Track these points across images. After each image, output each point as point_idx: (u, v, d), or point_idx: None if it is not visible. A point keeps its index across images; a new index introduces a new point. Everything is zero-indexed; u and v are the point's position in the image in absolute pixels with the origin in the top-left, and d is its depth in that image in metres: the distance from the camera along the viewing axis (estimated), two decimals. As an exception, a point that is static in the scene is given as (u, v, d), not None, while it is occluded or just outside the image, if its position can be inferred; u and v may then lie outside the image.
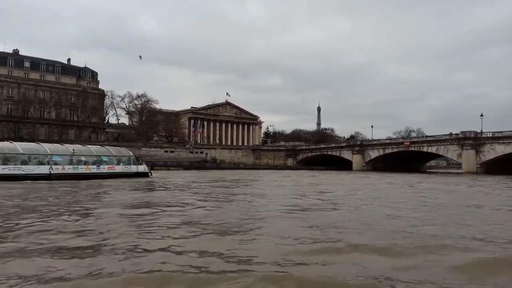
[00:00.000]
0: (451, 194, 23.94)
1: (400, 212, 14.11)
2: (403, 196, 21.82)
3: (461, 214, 13.61)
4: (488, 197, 22.21)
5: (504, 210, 15.53)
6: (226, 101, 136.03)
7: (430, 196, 21.40)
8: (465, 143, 68.51)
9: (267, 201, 17.84)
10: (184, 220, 11.26)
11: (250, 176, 46.98)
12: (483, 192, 25.61)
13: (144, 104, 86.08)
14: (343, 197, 20.11)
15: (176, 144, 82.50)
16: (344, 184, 34.48)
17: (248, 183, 33.97)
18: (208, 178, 39.44)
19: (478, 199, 19.99)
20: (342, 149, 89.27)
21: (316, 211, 14.11)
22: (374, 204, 16.92)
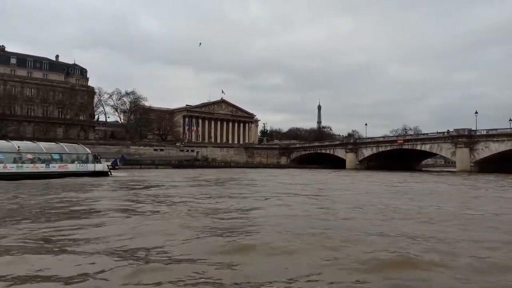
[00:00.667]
0: (421, 195, 22.54)
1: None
2: (356, 199, 20.46)
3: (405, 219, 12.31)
4: (453, 198, 20.84)
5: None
6: (222, 99, 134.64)
7: (388, 197, 20.15)
8: (459, 141, 67.02)
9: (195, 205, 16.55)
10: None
11: (235, 175, 45.74)
12: (459, 193, 24.26)
13: (133, 101, 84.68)
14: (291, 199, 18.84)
15: (166, 142, 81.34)
16: (317, 182, 33.23)
17: (222, 182, 32.67)
18: (186, 176, 38.07)
19: (440, 201, 18.63)
20: (336, 147, 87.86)
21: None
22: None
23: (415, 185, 31.34)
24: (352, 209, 14.33)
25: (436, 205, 16.10)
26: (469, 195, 22.09)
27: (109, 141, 72.38)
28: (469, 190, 26.28)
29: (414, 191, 24.83)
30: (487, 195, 22.75)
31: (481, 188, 28.86)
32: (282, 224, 10.43)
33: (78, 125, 78.36)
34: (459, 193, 23.58)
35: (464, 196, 21.67)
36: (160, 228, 9.74)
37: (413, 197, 19.87)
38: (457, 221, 11.66)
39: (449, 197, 20.56)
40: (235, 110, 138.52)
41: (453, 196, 21.68)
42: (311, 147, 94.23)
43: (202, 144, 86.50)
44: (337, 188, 26.45)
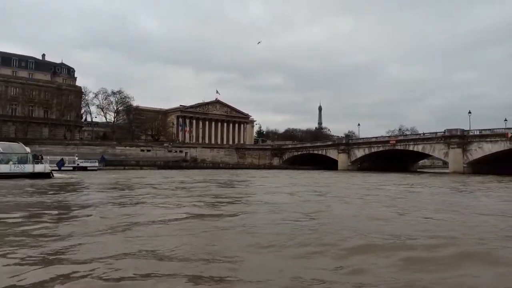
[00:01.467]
0: (396, 199, 20.92)
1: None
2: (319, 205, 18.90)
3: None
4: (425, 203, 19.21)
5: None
6: (216, 100, 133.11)
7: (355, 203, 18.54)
8: (451, 142, 65.26)
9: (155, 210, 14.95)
10: None
11: (217, 176, 44.13)
12: (438, 197, 22.61)
13: (119, 101, 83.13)
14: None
15: (153, 143, 79.84)
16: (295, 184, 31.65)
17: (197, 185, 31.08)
18: (151, 180, 36.32)
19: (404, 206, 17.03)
20: (328, 148, 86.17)
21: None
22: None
23: (388, 188, 29.62)
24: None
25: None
26: (423, 199, 20.47)
27: (94, 141, 70.85)
28: (439, 194, 24.63)
29: (374, 194, 23.13)
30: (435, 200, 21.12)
31: (455, 191, 27.22)
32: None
33: (65, 125, 76.88)
34: (422, 197, 21.94)
35: (419, 200, 20.02)
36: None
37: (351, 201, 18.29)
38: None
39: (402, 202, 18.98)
40: (230, 110, 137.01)
41: (405, 201, 20.06)
42: (303, 148, 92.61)
43: (191, 145, 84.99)
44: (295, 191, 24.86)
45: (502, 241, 9.19)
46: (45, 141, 65.20)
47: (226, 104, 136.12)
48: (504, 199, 21.28)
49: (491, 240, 9.21)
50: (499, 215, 14.07)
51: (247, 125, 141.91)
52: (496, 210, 15.75)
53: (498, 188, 30.77)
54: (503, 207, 17.20)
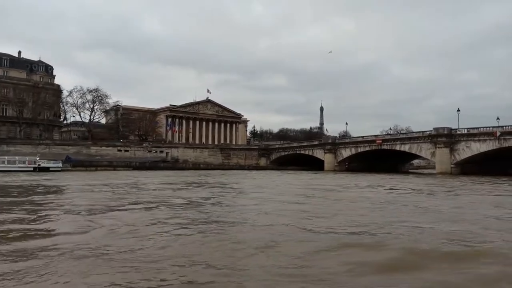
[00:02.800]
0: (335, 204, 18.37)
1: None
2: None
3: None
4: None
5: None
6: (207, 99, 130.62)
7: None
8: (438, 141, 62.29)
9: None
10: None
11: (189, 178, 41.63)
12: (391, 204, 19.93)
13: (95, 99, 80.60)
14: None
15: (131, 143, 77.35)
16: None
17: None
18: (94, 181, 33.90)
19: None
20: (315, 148, 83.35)
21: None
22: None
23: (350, 191, 26.99)
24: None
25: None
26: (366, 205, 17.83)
27: (68, 141, 68.49)
28: (397, 198, 21.94)
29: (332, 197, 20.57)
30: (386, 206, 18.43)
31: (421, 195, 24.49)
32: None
33: (41, 124, 74.55)
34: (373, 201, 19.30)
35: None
36: None
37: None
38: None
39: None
40: (222, 110, 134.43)
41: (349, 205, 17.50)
42: (290, 148, 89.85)
43: (172, 145, 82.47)
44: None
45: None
46: (15, 141, 62.94)
47: (217, 103, 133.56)
48: (454, 204, 18.61)
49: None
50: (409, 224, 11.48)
51: (239, 125, 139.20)
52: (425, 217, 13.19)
53: (471, 190, 28.05)
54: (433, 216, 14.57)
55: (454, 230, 11.05)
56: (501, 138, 56.52)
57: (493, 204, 18.72)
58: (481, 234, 10.34)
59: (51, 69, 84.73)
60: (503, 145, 56.54)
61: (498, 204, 18.64)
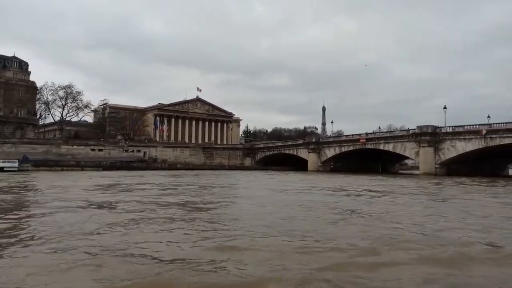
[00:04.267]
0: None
1: None
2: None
3: None
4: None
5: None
6: (197, 97, 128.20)
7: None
8: (422, 140, 59.01)
9: None
10: None
11: (145, 179, 38.79)
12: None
13: (67, 96, 77.91)
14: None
15: (106, 142, 74.69)
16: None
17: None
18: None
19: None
20: (299, 147, 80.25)
21: None
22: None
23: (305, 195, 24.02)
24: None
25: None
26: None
27: (37, 139, 66.00)
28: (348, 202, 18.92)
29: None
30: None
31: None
32: None
33: (15, 122, 72.16)
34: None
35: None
36: None
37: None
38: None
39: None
40: (212, 109, 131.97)
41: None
42: (274, 148, 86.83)
43: (151, 144, 79.74)
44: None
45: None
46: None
47: (207, 102, 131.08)
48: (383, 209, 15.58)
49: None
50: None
51: (230, 124, 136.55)
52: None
53: (428, 195, 24.96)
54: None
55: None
56: (487, 137, 53.15)
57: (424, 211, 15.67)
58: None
59: (25, 65, 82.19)
60: (489, 144, 53.17)
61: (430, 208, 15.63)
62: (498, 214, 14.71)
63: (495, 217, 13.90)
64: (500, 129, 52.23)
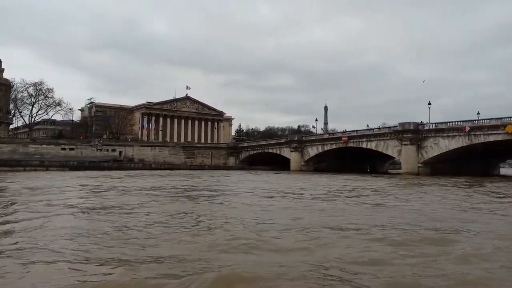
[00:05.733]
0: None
1: None
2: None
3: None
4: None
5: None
6: (186, 96, 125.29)
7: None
8: (404, 137, 55.59)
9: None
10: None
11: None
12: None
13: (38, 93, 75.13)
14: None
15: (78, 141, 71.88)
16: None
17: None
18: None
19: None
20: (282, 146, 77.02)
21: None
22: None
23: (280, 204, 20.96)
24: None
25: None
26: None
27: (3, 139, 63.36)
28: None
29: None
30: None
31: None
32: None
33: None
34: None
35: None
36: None
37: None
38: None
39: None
40: (202, 107, 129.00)
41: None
42: (258, 147, 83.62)
43: (127, 143, 76.82)
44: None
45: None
46: None
47: (197, 100, 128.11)
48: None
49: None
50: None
51: (221, 123, 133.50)
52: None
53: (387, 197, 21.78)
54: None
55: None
56: (471, 134, 49.62)
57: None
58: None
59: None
60: (474, 141, 49.65)
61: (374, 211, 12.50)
62: (402, 221, 11.52)
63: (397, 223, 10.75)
64: (484, 125, 48.73)
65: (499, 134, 47.21)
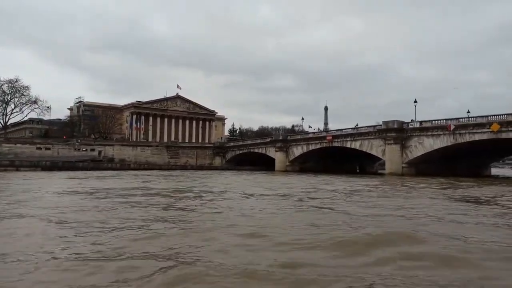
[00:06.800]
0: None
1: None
2: None
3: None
4: None
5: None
6: (177, 95, 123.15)
7: None
8: (388, 136, 53.21)
9: None
10: None
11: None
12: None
13: (11, 90, 73.00)
14: None
15: (55, 140, 69.85)
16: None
17: None
18: None
19: None
20: (267, 146, 74.74)
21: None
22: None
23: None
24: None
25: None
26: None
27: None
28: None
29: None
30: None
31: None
32: None
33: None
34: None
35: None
36: None
37: None
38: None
39: None
40: (193, 106, 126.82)
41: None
42: (244, 146, 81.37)
43: (107, 142, 74.65)
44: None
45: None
46: None
47: (188, 99, 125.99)
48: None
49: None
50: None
51: (213, 122, 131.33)
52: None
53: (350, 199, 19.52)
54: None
55: None
56: (456, 133, 47.22)
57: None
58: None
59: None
60: (459, 140, 47.24)
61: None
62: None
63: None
64: (469, 124, 46.33)
65: (485, 133, 44.83)
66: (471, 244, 8.87)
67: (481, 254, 7.90)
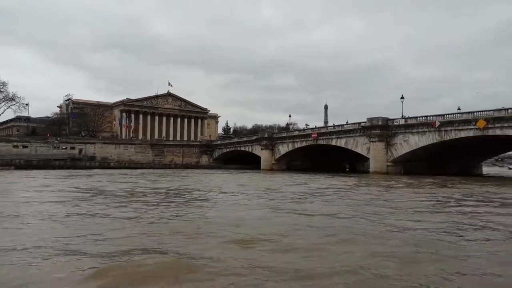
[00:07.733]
0: None
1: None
2: None
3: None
4: None
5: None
6: (168, 92, 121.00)
7: None
8: (372, 134, 51.11)
9: None
10: None
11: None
12: None
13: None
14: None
15: (32, 137, 68.07)
16: None
17: None
18: None
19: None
20: (253, 144, 72.69)
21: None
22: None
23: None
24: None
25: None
26: None
27: None
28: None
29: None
30: None
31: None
32: None
33: None
34: None
35: None
36: None
37: None
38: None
39: None
40: (184, 104, 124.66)
41: None
42: (231, 144, 79.39)
43: (87, 140, 72.72)
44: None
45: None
46: None
47: (179, 97, 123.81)
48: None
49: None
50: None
51: (205, 120, 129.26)
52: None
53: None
54: None
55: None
56: (442, 130, 45.10)
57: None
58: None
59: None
60: (445, 137, 45.11)
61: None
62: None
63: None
64: (455, 120, 44.14)
65: (471, 129, 42.68)
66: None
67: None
